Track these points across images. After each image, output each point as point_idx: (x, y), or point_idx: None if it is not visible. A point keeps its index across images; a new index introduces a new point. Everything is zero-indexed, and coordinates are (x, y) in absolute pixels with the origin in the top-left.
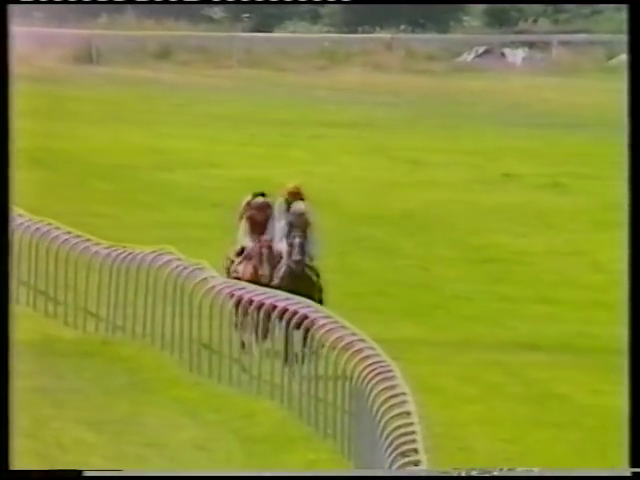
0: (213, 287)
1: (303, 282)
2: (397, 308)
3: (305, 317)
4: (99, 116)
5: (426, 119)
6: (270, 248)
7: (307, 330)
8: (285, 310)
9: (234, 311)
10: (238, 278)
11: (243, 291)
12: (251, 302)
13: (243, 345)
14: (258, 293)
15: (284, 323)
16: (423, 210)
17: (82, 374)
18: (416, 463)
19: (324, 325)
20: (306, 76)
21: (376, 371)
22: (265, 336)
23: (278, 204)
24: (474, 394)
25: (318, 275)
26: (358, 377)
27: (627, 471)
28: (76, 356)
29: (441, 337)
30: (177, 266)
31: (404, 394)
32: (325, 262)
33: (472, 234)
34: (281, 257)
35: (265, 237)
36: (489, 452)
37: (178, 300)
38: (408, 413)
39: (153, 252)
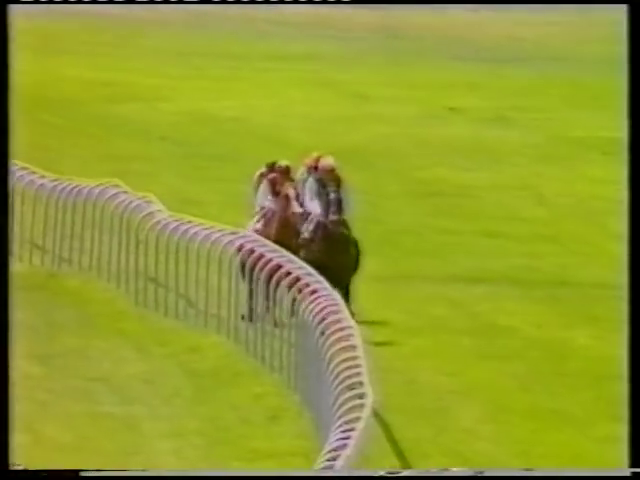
0: (159, 221)
1: (341, 242)
2: None
3: (252, 251)
4: (40, 48)
5: (372, 53)
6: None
7: (253, 267)
8: (241, 247)
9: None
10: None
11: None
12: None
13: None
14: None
15: (239, 260)
16: (370, 144)
17: (28, 307)
18: (361, 396)
19: (272, 259)
20: (252, 9)
21: (322, 305)
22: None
23: (300, 171)
24: (420, 327)
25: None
26: (304, 310)
27: (627, 471)
28: (22, 289)
29: (388, 271)
30: (124, 200)
31: (350, 328)
32: None
33: (418, 168)
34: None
35: (290, 192)
36: (434, 385)
37: (124, 234)
38: (354, 347)
39: (100, 185)
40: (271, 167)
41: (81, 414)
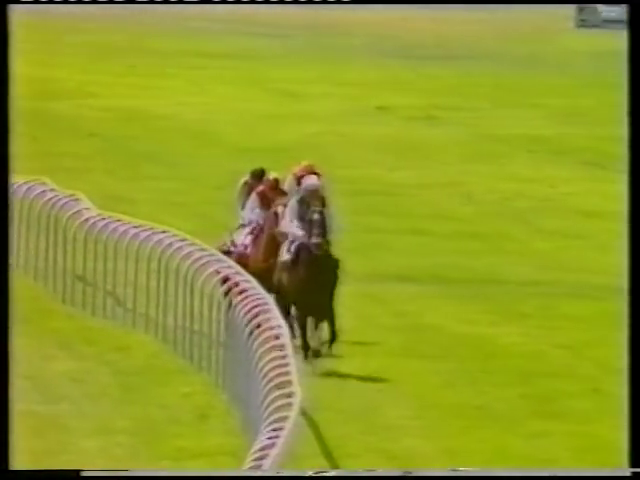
0: (88, 219)
1: (323, 265)
2: None
3: (180, 249)
4: None
5: (301, 51)
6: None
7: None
8: (170, 244)
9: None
10: (244, 254)
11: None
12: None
13: None
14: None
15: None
16: (298, 142)
17: None
18: (290, 395)
19: (200, 258)
20: (182, 6)
21: (251, 304)
22: None
23: (288, 181)
24: (347, 325)
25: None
26: (233, 310)
27: (627, 471)
28: None
29: None
30: (51, 197)
31: (279, 327)
32: (202, 195)
33: (346, 167)
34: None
35: (279, 209)
36: (359, 385)
37: (52, 231)
38: (283, 346)
39: (27, 183)
40: (258, 177)
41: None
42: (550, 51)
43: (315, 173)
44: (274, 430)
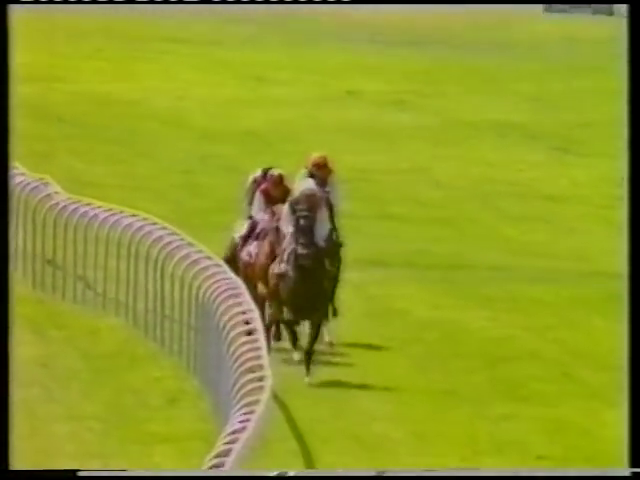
0: (57, 203)
1: (311, 275)
2: None
3: (150, 233)
4: None
5: (270, 36)
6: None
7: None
8: (140, 228)
9: None
10: (250, 264)
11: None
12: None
13: None
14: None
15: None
16: (267, 128)
17: None
18: (261, 379)
19: (171, 242)
20: None
21: (222, 288)
22: None
23: (300, 175)
24: None
25: (338, 260)
26: (204, 294)
27: (627, 471)
28: None
29: None
30: (21, 181)
31: (250, 311)
32: (172, 179)
33: (315, 151)
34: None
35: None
36: (329, 370)
37: (21, 215)
38: (254, 330)
39: None
40: (265, 174)
41: None
42: (519, 36)
43: (326, 165)
44: (245, 414)
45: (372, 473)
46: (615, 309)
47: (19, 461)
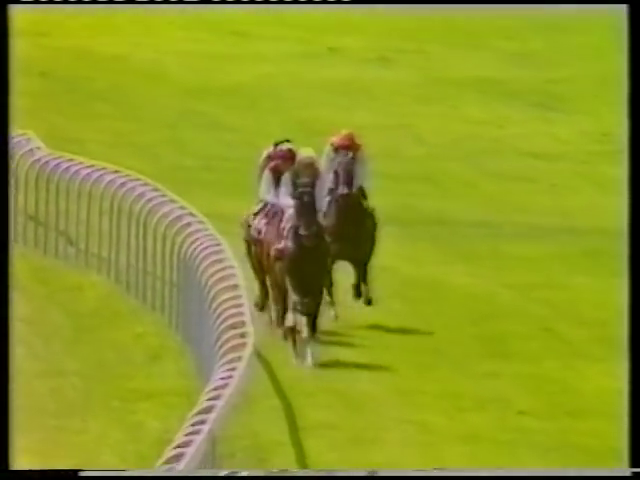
0: (39, 158)
1: (316, 256)
2: (225, 183)
3: (133, 189)
4: None
5: None
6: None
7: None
8: (122, 185)
9: None
10: (259, 240)
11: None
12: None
13: None
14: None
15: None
16: (250, 84)
17: None
18: (243, 335)
19: (153, 199)
20: None
21: (204, 245)
22: None
23: (326, 152)
24: None
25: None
26: (186, 251)
27: (627, 471)
28: None
29: None
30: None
31: (232, 267)
32: (154, 135)
33: (298, 108)
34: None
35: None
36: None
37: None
38: (235, 286)
39: None
40: (282, 144)
41: None
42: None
43: (354, 144)
44: (228, 370)
45: (364, 473)
46: (597, 265)
47: None
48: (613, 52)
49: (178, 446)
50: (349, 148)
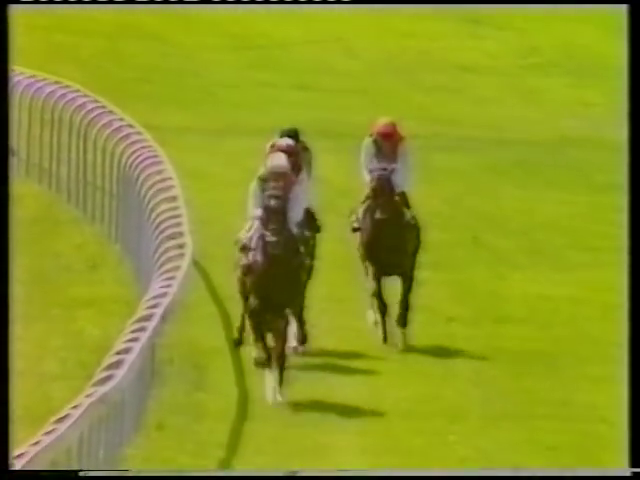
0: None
1: (281, 267)
2: (163, 94)
3: (73, 100)
4: None
5: None
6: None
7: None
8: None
9: None
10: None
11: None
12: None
13: None
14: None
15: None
16: None
17: None
18: (182, 246)
19: (93, 110)
20: None
21: (143, 156)
22: None
23: (365, 143)
24: (237, 179)
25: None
26: (126, 162)
27: (627, 471)
28: None
29: (206, 124)
30: None
31: (171, 179)
32: (96, 46)
33: (235, 22)
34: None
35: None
36: None
37: None
38: (174, 197)
39: None
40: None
41: None
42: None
43: (395, 133)
44: (166, 279)
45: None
46: (524, 176)
47: None
48: None
49: (118, 352)
50: (391, 138)
